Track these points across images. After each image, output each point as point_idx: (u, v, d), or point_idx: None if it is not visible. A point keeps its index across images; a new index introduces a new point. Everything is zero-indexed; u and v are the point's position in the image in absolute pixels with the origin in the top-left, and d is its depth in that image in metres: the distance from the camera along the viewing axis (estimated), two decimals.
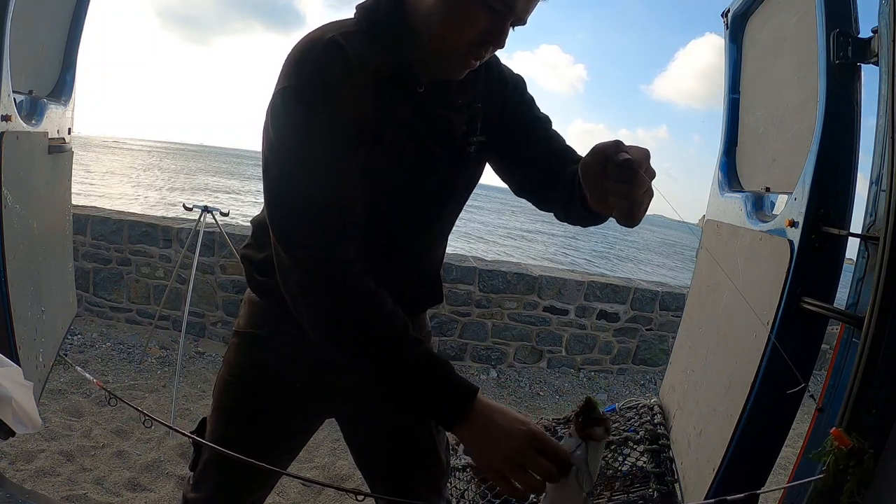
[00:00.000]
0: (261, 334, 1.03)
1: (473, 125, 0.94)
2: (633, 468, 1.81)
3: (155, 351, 3.76)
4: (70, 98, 1.95)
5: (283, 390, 1.03)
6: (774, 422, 1.26)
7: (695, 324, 1.89)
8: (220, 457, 1.03)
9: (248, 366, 1.05)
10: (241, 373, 1.05)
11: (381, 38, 0.83)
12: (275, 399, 1.03)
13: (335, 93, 0.76)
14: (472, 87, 0.92)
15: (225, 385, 1.06)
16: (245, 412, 1.04)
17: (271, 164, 0.78)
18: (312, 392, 1.04)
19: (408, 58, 0.84)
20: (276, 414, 1.03)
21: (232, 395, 1.05)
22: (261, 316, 1.03)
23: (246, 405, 1.04)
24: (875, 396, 0.90)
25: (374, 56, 0.81)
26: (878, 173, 1.06)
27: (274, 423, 1.04)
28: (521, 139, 0.99)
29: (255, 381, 1.04)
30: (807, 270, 1.20)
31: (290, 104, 0.76)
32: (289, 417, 1.05)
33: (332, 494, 2.48)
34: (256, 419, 1.03)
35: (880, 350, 0.90)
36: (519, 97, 1.00)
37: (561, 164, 0.97)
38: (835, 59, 1.18)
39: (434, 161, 0.91)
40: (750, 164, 1.74)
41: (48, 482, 2.24)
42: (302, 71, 0.77)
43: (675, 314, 4.29)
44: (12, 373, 1.12)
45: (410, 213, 0.93)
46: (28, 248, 1.56)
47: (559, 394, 4.05)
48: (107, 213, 4.33)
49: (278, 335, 1.01)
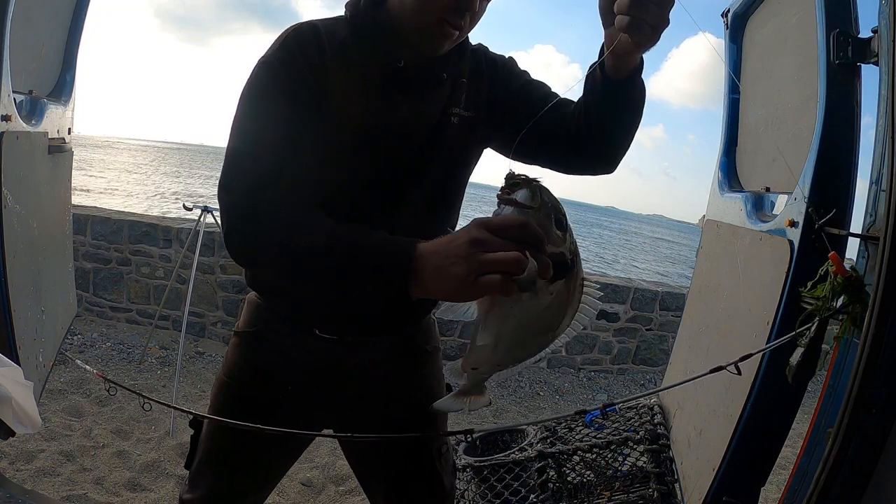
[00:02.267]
0: (257, 331, 1.04)
1: (456, 97, 0.96)
2: (633, 468, 1.81)
3: (155, 351, 3.76)
4: (70, 98, 1.95)
5: (277, 392, 1.02)
6: (774, 422, 1.26)
7: (695, 324, 1.89)
8: (215, 456, 1.03)
9: (244, 366, 1.05)
10: (238, 373, 1.05)
11: (362, 25, 0.90)
12: (269, 402, 1.03)
13: (295, 66, 0.85)
14: (457, 64, 0.95)
15: (221, 386, 1.06)
16: (239, 414, 1.03)
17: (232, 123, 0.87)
18: (307, 397, 1.04)
19: (388, 40, 0.89)
20: (272, 418, 1.01)
21: (228, 395, 1.05)
22: (258, 313, 1.05)
23: (241, 407, 1.03)
24: (875, 396, 0.90)
25: (354, 40, 0.89)
26: (878, 173, 1.06)
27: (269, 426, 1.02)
28: (520, 100, 1.00)
29: (250, 383, 1.04)
30: (807, 270, 1.20)
31: (254, 72, 0.86)
32: (284, 423, 1.02)
33: (331, 494, 2.48)
34: (252, 422, 1.01)
35: (880, 350, 0.90)
36: (507, 73, 1.02)
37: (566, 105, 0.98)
38: (835, 59, 1.17)
39: (413, 126, 0.93)
40: (750, 164, 1.74)
41: (48, 482, 2.24)
42: (274, 46, 0.87)
43: (675, 314, 4.29)
44: (12, 373, 1.12)
45: (398, 176, 0.94)
46: (28, 248, 1.56)
47: (559, 394, 4.05)
48: (107, 213, 4.33)
49: (274, 333, 1.02)
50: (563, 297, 0.67)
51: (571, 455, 1.87)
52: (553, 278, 0.64)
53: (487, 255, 0.62)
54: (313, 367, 1.01)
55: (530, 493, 1.81)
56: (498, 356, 0.71)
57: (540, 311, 0.66)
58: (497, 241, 0.62)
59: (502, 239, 0.62)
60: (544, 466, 1.82)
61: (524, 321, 0.67)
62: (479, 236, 0.63)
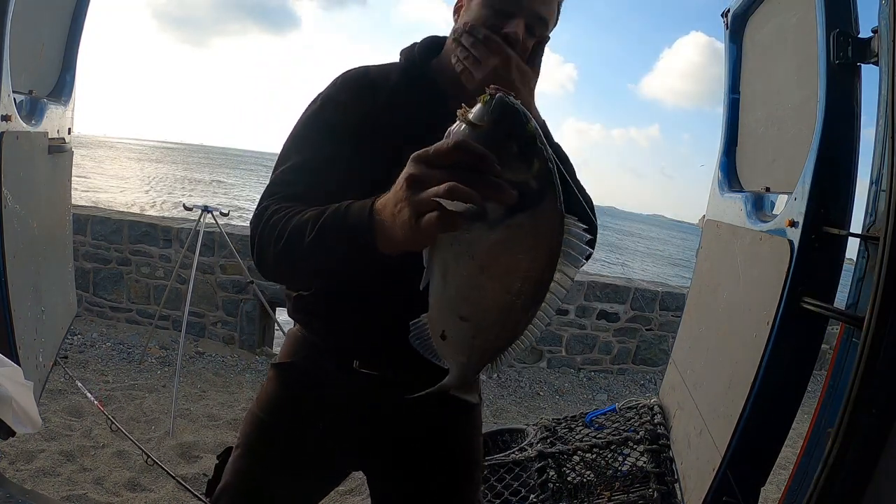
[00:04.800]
0: (296, 363, 1.02)
1: None
2: (633, 468, 1.81)
3: (155, 351, 3.76)
4: (70, 98, 1.95)
5: (311, 430, 0.99)
6: (774, 422, 1.26)
7: (695, 324, 1.89)
8: (236, 489, 0.99)
9: (280, 399, 1.02)
10: (273, 406, 1.02)
11: (414, 74, 0.96)
12: (301, 440, 1.00)
13: (343, 103, 0.91)
14: None
15: (255, 420, 1.03)
16: (270, 450, 1.00)
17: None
18: (340, 436, 1.00)
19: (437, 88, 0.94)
20: (301, 457, 1.00)
21: (260, 430, 1.02)
22: (298, 346, 1.03)
23: (272, 442, 1.00)
24: (875, 396, 0.90)
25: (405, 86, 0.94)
26: (878, 173, 1.06)
27: (297, 466, 1.00)
28: None
29: (284, 417, 1.01)
30: (807, 270, 1.20)
31: (310, 105, 0.94)
32: (312, 463, 1.01)
33: (331, 494, 2.47)
34: (280, 460, 1.00)
35: (880, 350, 0.90)
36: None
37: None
38: (835, 59, 1.18)
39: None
40: (750, 164, 1.74)
41: (48, 482, 2.24)
42: (333, 85, 0.94)
43: (675, 314, 4.29)
44: (12, 373, 1.13)
45: None
46: (28, 248, 1.56)
47: (559, 394, 4.05)
48: (107, 213, 4.33)
49: (312, 364, 1.00)
50: (530, 233, 0.55)
51: (571, 455, 1.87)
52: (513, 209, 0.54)
53: (423, 193, 0.55)
54: (348, 404, 0.98)
55: (530, 493, 1.81)
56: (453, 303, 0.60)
57: (491, 243, 0.55)
58: (434, 172, 0.55)
59: (439, 168, 0.55)
60: (544, 466, 1.82)
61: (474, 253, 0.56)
62: (413, 171, 0.56)
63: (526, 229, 0.55)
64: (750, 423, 1.27)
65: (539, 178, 0.54)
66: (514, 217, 0.54)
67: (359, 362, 0.96)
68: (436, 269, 0.60)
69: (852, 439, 0.91)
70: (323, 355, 0.99)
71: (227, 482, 1.01)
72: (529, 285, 0.58)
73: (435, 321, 0.64)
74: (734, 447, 1.29)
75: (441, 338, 0.64)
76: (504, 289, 0.58)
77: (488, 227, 0.54)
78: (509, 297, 0.59)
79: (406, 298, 0.91)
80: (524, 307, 0.60)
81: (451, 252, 0.57)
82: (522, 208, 0.54)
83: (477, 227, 0.54)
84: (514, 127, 0.54)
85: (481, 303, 0.59)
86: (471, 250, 0.56)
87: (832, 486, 0.93)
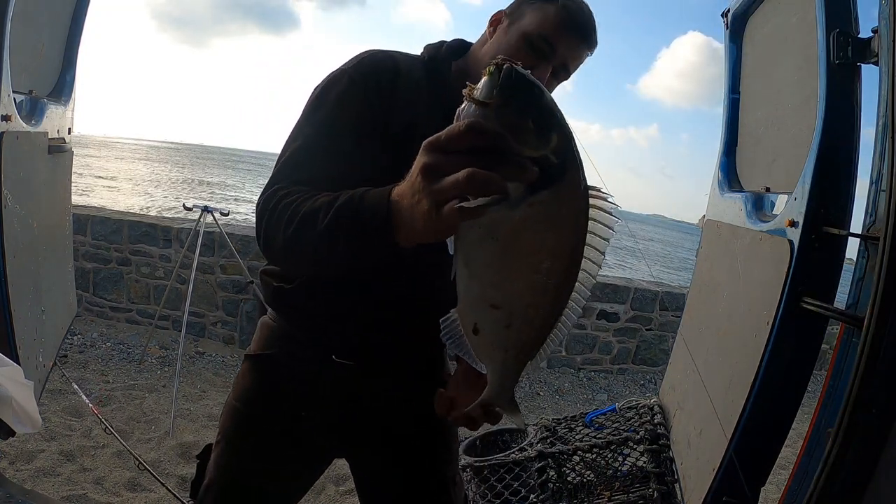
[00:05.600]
0: (273, 354, 1.01)
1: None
2: (633, 468, 1.81)
3: (155, 351, 3.76)
4: (70, 98, 1.95)
5: (291, 420, 0.99)
6: (774, 422, 1.26)
7: (695, 324, 1.89)
8: (221, 486, 1.00)
9: (258, 390, 1.02)
10: (252, 398, 1.02)
11: (436, 69, 0.95)
12: (282, 431, 1.00)
13: (363, 90, 0.86)
14: None
15: (233, 412, 1.03)
16: (251, 442, 1.00)
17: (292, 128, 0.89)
18: (319, 426, 1.01)
19: (457, 89, 0.92)
20: (283, 448, 1.00)
21: (240, 423, 1.02)
22: (274, 337, 1.02)
23: (253, 435, 1.00)
24: (875, 396, 0.90)
25: (427, 81, 0.93)
26: (878, 173, 1.06)
27: (279, 457, 1.00)
28: None
29: (263, 408, 1.01)
30: (807, 270, 1.20)
31: (326, 84, 0.88)
32: (295, 454, 1.01)
33: (331, 494, 2.48)
34: (262, 451, 1.00)
35: (880, 350, 0.90)
36: None
37: None
38: (835, 59, 1.17)
39: None
40: (750, 164, 1.74)
41: (48, 482, 2.24)
42: (353, 62, 0.90)
43: (675, 314, 4.29)
44: (12, 372, 1.13)
45: None
46: (28, 248, 1.56)
47: (559, 394, 4.05)
48: (107, 213, 4.33)
49: (289, 356, 0.99)
50: (554, 210, 0.52)
51: (571, 455, 1.87)
52: (534, 187, 0.50)
53: (442, 182, 0.52)
54: (327, 394, 0.98)
55: (530, 493, 1.81)
56: (481, 292, 0.56)
57: (515, 224, 0.52)
58: (449, 159, 0.51)
59: (454, 154, 0.51)
60: (544, 466, 1.82)
61: (498, 236, 0.52)
62: (428, 160, 0.53)
63: (550, 206, 0.52)
64: (750, 423, 1.27)
65: (559, 153, 0.51)
66: (537, 194, 0.51)
67: (336, 353, 0.97)
68: (458, 258, 0.56)
69: (852, 439, 0.91)
70: (300, 346, 0.99)
71: (210, 479, 1.02)
72: (559, 264, 0.55)
73: (465, 314, 0.60)
74: (734, 447, 1.29)
75: (473, 332, 0.60)
76: (532, 269, 0.54)
77: (510, 208, 0.51)
78: (540, 278, 0.55)
79: (385, 290, 0.90)
80: (556, 287, 0.56)
81: (473, 237, 0.54)
82: (544, 185, 0.51)
83: (498, 208, 0.51)
84: (527, 100, 0.50)
85: (511, 287, 0.55)
86: (494, 233, 0.53)
87: (832, 486, 0.93)
